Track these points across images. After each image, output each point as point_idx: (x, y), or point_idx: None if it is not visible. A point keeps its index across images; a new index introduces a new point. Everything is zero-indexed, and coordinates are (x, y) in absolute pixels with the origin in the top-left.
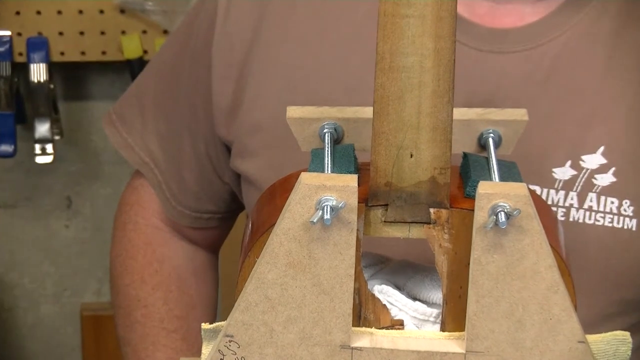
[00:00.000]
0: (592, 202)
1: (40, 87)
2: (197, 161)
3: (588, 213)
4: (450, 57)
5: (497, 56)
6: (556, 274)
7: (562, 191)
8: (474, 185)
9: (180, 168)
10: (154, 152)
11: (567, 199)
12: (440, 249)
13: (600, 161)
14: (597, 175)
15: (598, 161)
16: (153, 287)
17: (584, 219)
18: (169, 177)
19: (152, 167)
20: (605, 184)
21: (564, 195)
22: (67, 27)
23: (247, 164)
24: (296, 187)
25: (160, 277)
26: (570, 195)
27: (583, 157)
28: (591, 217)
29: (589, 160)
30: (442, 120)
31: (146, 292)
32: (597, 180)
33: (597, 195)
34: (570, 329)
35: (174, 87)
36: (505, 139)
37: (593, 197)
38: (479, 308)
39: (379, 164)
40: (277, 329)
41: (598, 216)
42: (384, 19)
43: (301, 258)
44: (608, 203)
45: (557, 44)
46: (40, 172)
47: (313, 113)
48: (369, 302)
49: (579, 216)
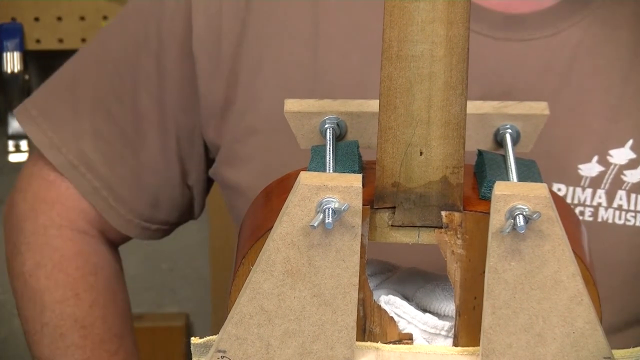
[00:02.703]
0: (621, 200)
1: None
2: (165, 162)
3: (618, 212)
4: (464, 45)
5: (514, 44)
6: (580, 283)
7: (589, 189)
8: (489, 186)
9: (138, 171)
10: (86, 154)
11: (594, 197)
12: (453, 255)
13: (630, 156)
14: (627, 171)
15: (627, 156)
16: (90, 304)
17: (614, 219)
18: (114, 182)
19: (82, 171)
20: (635, 181)
21: (591, 193)
22: (43, 12)
23: (237, 172)
24: (295, 188)
25: (97, 292)
26: (598, 194)
27: (611, 152)
28: (621, 216)
29: (617, 155)
30: (455, 114)
31: (84, 310)
32: (627, 177)
33: (627, 193)
34: (595, 344)
35: (126, 83)
36: (524, 135)
37: (623, 194)
38: (495, 320)
39: (385, 163)
40: (274, 344)
41: (629, 215)
42: (391, 3)
43: (300, 266)
44: (639, 201)
45: (578, 29)
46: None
47: (313, 106)
48: (375, 314)
49: (607, 216)
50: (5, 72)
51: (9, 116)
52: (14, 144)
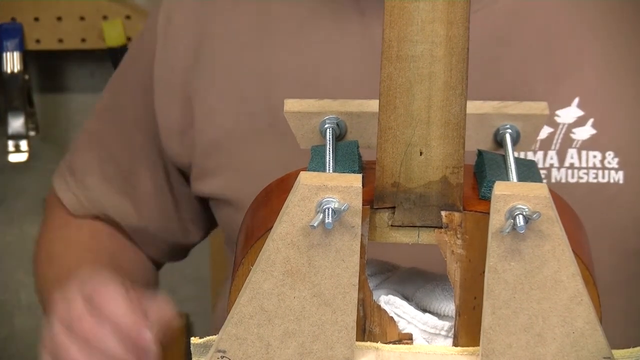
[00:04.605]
0: (572, 158)
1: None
2: (158, 194)
3: (570, 171)
4: (464, 45)
5: None
6: (579, 283)
7: (540, 152)
8: (489, 186)
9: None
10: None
11: (546, 159)
12: (453, 255)
13: (577, 113)
14: (575, 129)
15: (574, 114)
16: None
17: (567, 178)
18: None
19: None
20: (584, 138)
21: (542, 155)
22: (43, 12)
23: (209, 185)
24: (295, 188)
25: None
26: (550, 155)
27: (558, 112)
28: (574, 175)
29: (564, 114)
30: (455, 114)
31: None
32: (576, 135)
33: (578, 151)
34: (594, 344)
35: (118, 122)
36: (523, 134)
37: (573, 153)
38: (495, 320)
39: (385, 163)
40: (274, 344)
41: (581, 173)
42: (390, 3)
43: (300, 266)
44: (590, 157)
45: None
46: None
47: (313, 106)
48: (375, 314)
49: (560, 176)
50: (5, 72)
51: (8, 116)
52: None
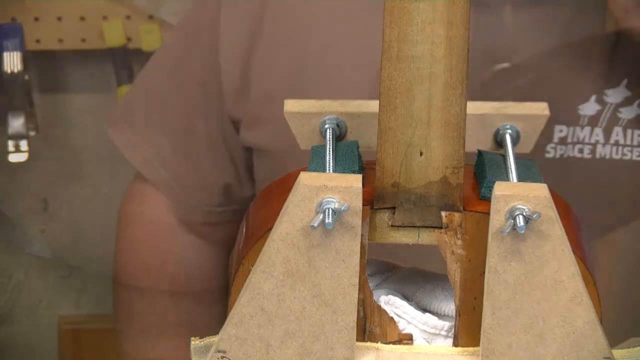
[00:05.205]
0: (618, 136)
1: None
2: (211, 145)
3: (615, 148)
4: (464, 46)
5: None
6: (580, 283)
7: (588, 127)
8: (489, 186)
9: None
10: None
11: (592, 135)
12: (453, 255)
13: (625, 94)
14: (622, 109)
15: (622, 94)
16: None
17: (611, 154)
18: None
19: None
20: (630, 117)
21: (589, 131)
22: (43, 12)
23: (257, 133)
24: (295, 188)
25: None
26: (596, 132)
27: (606, 92)
28: (618, 151)
29: (612, 94)
30: (455, 114)
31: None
32: (622, 114)
33: (623, 129)
34: (595, 344)
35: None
36: (524, 135)
37: (619, 130)
38: (495, 321)
39: (385, 163)
40: (274, 344)
41: (625, 150)
42: (390, 4)
43: (300, 266)
44: (635, 136)
45: None
46: (13, 172)
47: (313, 107)
48: (375, 315)
49: (605, 152)
50: (5, 72)
51: (8, 116)
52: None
